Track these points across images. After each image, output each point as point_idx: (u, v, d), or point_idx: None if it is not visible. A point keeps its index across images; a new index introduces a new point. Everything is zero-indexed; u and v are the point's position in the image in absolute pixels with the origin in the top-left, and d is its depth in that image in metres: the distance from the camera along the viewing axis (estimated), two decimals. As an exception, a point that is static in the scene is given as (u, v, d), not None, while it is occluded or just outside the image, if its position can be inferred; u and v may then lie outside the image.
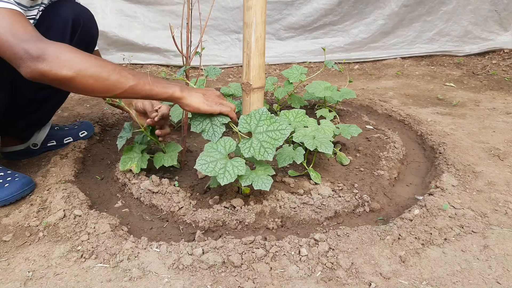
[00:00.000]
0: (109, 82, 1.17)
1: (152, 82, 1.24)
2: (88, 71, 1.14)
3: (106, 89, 1.19)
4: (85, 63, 1.14)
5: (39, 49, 1.10)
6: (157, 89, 1.24)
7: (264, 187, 1.23)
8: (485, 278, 1.07)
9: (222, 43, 3.57)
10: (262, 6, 1.51)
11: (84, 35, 1.55)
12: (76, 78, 1.13)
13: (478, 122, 2.16)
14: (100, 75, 1.16)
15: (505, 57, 3.51)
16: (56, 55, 1.11)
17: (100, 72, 1.16)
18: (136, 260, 1.10)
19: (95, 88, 1.17)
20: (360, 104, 2.43)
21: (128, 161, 1.50)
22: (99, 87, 1.17)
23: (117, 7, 3.39)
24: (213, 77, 2.03)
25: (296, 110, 1.69)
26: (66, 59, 1.12)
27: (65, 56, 1.12)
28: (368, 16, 3.56)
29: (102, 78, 1.16)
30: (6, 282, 1.05)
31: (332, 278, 1.05)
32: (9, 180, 1.42)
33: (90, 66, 1.15)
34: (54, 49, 1.12)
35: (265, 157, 1.24)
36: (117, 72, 1.19)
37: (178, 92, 1.25)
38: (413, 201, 1.46)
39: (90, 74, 1.14)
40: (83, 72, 1.13)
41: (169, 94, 1.25)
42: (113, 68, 1.19)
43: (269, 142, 1.25)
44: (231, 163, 1.22)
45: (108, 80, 1.17)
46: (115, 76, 1.18)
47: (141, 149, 1.51)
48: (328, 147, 1.40)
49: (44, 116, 1.72)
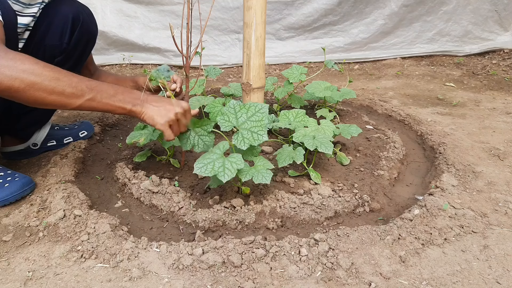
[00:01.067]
0: (62, 97, 1.15)
1: (110, 96, 1.23)
2: (41, 85, 1.11)
3: (59, 102, 1.17)
4: (37, 76, 1.11)
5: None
6: (115, 104, 1.24)
7: (265, 180, 1.24)
8: (485, 278, 1.07)
9: (222, 43, 3.57)
10: (262, 6, 1.52)
11: (84, 32, 1.55)
12: (26, 91, 1.10)
13: (478, 122, 2.16)
14: (54, 88, 1.13)
15: (505, 57, 3.51)
16: (9, 66, 1.08)
17: (55, 86, 1.13)
18: (136, 260, 1.10)
19: (47, 102, 1.16)
20: (360, 104, 2.43)
21: (137, 135, 1.49)
22: (52, 100, 1.15)
23: (117, 7, 3.39)
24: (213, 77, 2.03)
25: (296, 110, 1.69)
26: (20, 70, 1.09)
27: (19, 67, 1.09)
28: (368, 16, 3.56)
29: (55, 92, 1.14)
30: (6, 282, 1.05)
31: (332, 278, 1.06)
32: (9, 180, 1.42)
33: (43, 80, 1.12)
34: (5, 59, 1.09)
35: (261, 139, 1.27)
36: (73, 86, 1.16)
37: (135, 109, 1.26)
38: (413, 201, 1.46)
39: (43, 88, 1.12)
40: (36, 86, 1.11)
41: (126, 110, 1.26)
42: (69, 81, 1.16)
43: (256, 126, 1.29)
44: (228, 160, 1.22)
45: (62, 94, 1.15)
46: (69, 90, 1.16)
47: (153, 128, 1.51)
48: (328, 147, 1.40)
49: (43, 115, 1.72)
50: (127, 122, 2.19)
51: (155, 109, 1.28)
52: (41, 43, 1.46)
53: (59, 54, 1.50)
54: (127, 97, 1.26)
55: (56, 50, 1.50)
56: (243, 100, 1.69)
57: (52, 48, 1.48)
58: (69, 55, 1.54)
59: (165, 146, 1.51)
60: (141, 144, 1.47)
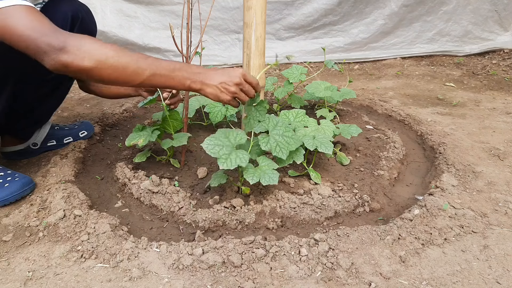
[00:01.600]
0: (127, 72, 1.18)
1: (169, 73, 1.22)
2: (107, 61, 1.15)
3: (124, 79, 1.19)
4: (104, 53, 1.16)
5: (60, 41, 1.11)
6: (173, 81, 1.24)
7: (272, 181, 1.23)
8: (485, 278, 1.07)
9: (222, 43, 3.57)
10: (262, 6, 1.52)
11: (83, 30, 1.55)
12: (95, 69, 1.14)
13: (478, 122, 2.16)
14: (118, 65, 1.17)
15: (505, 57, 3.51)
16: (77, 47, 1.12)
17: (119, 63, 1.17)
18: (136, 260, 1.10)
19: (113, 78, 1.19)
20: (360, 104, 2.43)
21: (136, 137, 1.49)
22: (117, 77, 1.18)
23: (117, 7, 3.39)
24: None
25: (296, 110, 1.69)
26: (86, 49, 1.13)
27: (85, 47, 1.14)
28: (368, 16, 3.56)
29: (120, 68, 1.17)
30: (6, 282, 1.05)
31: (332, 278, 1.06)
32: (9, 180, 1.42)
33: (109, 57, 1.16)
34: (74, 40, 1.14)
35: (280, 155, 1.31)
36: (134, 62, 1.19)
37: (194, 84, 1.25)
38: (413, 201, 1.46)
39: (109, 65, 1.15)
40: (103, 63, 1.15)
41: (185, 86, 1.25)
42: (131, 58, 1.19)
43: (283, 143, 1.34)
44: (236, 153, 1.22)
45: (126, 70, 1.18)
46: (133, 66, 1.18)
47: (152, 129, 1.52)
48: (328, 147, 1.40)
49: (43, 115, 1.72)
50: (127, 122, 2.19)
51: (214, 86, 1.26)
52: None
53: None
54: (185, 73, 1.24)
55: None
56: (243, 100, 1.69)
57: None
58: None
59: (165, 146, 1.51)
60: (140, 146, 1.47)
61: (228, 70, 1.29)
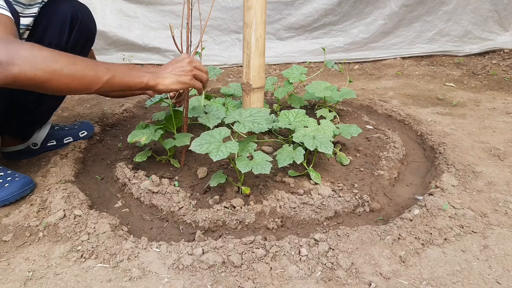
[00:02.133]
0: (85, 80, 1.16)
1: (126, 73, 1.23)
2: (63, 71, 1.11)
3: (82, 86, 1.17)
4: (59, 63, 1.11)
5: (8, 54, 1.05)
6: (132, 80, 1.24)
7: (264, 170, 1.26)
8: (485, 278, 1.07)
9: (222, 43, 3.57)
10: (262, 6, 1.52)
11: (83, 30, 1.55)
12: (52, 80, 1.10)
13: (478, 122, 2.16)
14: (75, 73, 1.13)
15: (505, 57, 3.51)
16: (27, 58, 1.07)
17: (76, 71, 1.13)
18: (136, 260, 1.10)
19: (71, 87, 1.15)
20: (360, 104, 2.43)
21: (139, 134, 1.49)
22: (76, 85, 1.15)
23: (117, 7, 3.39)
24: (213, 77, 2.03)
25: (296, 110, 1.69)
26: (39, 61, 1.08)
27: (38, 58, 1.09)
28: (368, 16, 3.56)
29: (78, 77, 1.14)
30: (6, 282, 1.05)
31: (332, 278, 1.06)
32: (9, 180, 1.42)
33: (64, 66, 1.12)
34: (25, 51, 1.08)
35: (260, 128, 1.37)
36: (91, 68, 1.17)
37: (151, 80, 1.26)
38: (413, 201, 1.46)
39: (66, 74, 1.12)
40: (59, 73, 1.11)
41: (144, 83, 1.26)
42: (86, 64, 1.17)
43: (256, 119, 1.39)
44: (224, 145, 1.26)
45: (84, 77, 1.15)
46: (90, 72, 1.16)
47: (155, 128, 1.52)
48: (328, 147, 1.40)
49: (43, 115, 1.72)
50: (127, 122, 2.19)
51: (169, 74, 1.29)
52: (40, 42, 1.45)
53: None
54: (140, 72, 1.26)
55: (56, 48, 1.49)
56: (243, 100, 1.69)
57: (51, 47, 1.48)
58: None
59: (167, 146, 1.51)
60: (142, 144, 1.47)
61: (175, 58, 1.36)
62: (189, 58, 1.35)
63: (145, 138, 1.47)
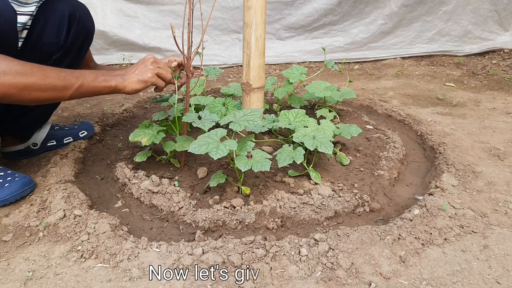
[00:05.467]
0: (55, 91, 1.21)
1: (94, 78, 1.29)
2: (34, 85, 1.15)
3: (52, 97, 1.23)
4: (30, 77, 1.15)
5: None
6: (101, 85, 1.31)
7: (264, 168, 1.27)
8: (485, 278, 1.07)
9: (222, 42, 3.57)
10: (262, 6, 1.52)
11: (81, 29, 1.55)
12: (22, 94, 1.14)
13: (478, 122, 2.16)
14: (47, 85, 1.18)
15: (505, 57, 3.51)
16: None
17: (47, 83, 1.18)
18: (136, 260, 1.10)
19: (43, 99, 1.21)
20: (360, 104, 2.43)
21: (141, 134, 1.50)
22: (46, 97, 1.21)
23: (117, 7, 3.39)
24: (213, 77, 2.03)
25: (296, 110, 1.69)
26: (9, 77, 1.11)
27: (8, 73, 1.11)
28: (367, 16, 3.56)
29: (48, 89, 1.19)
30: (6, 282, 1.05)
31: (332, 278, 1.06)
32: (9, 180, 1.42)
33: (34, 80, 1.16)
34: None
35: (255, 124, 1.41)
36: (61, 79, 1.22)
37: (119, 83, 1.34)
38: (413, 201, 1.46)
39: (37, 87, 1.16)
40: (30, 87, 1.15)
41: (112, 87, 1.33)
42: (57, 76, 1.22)
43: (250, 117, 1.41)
44: (223, 144, 1.27)
45: (55, 89, 1.20)
46: (60, 83, 1.21)
47: (158, 129, 1.53)
48: (328, 147, 1.40)
49: (43, 115, 1.72)
50: (127, 122, 2.19)
51: (134, 75, 1.38)
52: (38, 41, 1.46)
53: (56, 51, 1.51)
54: (107, 77, 1.33)
55: (54, 47, 1.50)
56: (243, 100, 1.69)
57: (49, 46, 1.49)
58: (67, 52, 1.54)
59: (167, 149, 1.50)
60: (143, 145, 1.47)
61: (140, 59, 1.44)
62: (153, 58, 1.43)
63: (146, 139, 1.47)
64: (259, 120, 1.41)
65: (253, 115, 1.42)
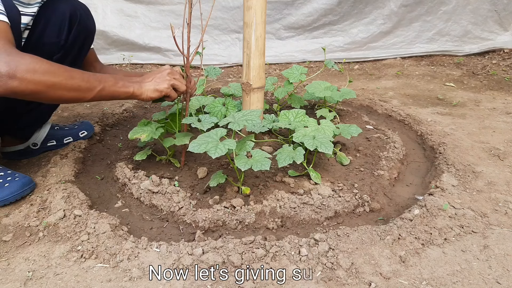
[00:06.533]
0: (79, 92, 1.25)
1: (115, 83, 1.34)
2: (60, 84, 1.19)
3: (76, 97, 1.26)
4: (58, 76, 1.19)
5: (8, 65, 1.10)
6: (120, 90, 1.35)
7: (264, 167, 1.27)
8: (485, 278, 1.07)
9: (222, 42, 3.57)
10: (262, 6, 1.52)
11: (81, 29, 1.56)
12: (49, 92, 1.18)
13: (478, 122, 2.16)
14: (71, 86, 1.22)
15: (505, 57, 3.51)
16: (28, 71, 1.12)
17: (72, 84, 1.22)
18: (136, 260, 1.10)
19: (66, 98, 1.25)
20: (360, 104, 2.43)
21: (140, 131, 1.51)
22: (70, 97, 1.25)
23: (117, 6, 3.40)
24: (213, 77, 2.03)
25: (296, 110, 1.69)
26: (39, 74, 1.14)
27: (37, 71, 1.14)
28: (367, 16, 3.57)
29: (73, 89, 1.23)
30: (6, 282, 1.05)
31: (332, 278, 1.06)
32: (9, 180, 1.42)
33: (61, 80, 1.20)
34: (25, 65, 1.12)
35: (254, 124, 1.44)
36: (85, 81, 1.26)
37: (137, 90, 1.39)
38: (413, 201, 1.46)
39: (64, 87, 1.20)
40: (57, 86, 1.19)
41: (130, 93, 1.38)
42: (82, 77, 1.26)
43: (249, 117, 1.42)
44: (222, 143, 1.27)
45: (78, 90, 1.25)
46: (84, 84, 1.25)
47: (157, 126, 1.54)
48: (328, 147, 1.40)
49: (43, 115, 1.72)
50: (127, 122, 2.19)
51: (151, 83, 1.42)
52: (39, 41, 1.47)
53: (57, 51, 1.51)
54: (126, 82, 1.37)
55: (55, 47, 1.50)
56: (243, 100, 1.69)
57: (50, 46, 1.49)
58: (68, 52, 1.54)
59: (166, 145, 1.51)
60: (142, 141, 1.48)
61: (158, 69, 1.50)
62: (170, 69, 1.47)
63: (145, 135, 1.47)
64: (258, 120, 1.42)
65: (252, 115, 1.43)
